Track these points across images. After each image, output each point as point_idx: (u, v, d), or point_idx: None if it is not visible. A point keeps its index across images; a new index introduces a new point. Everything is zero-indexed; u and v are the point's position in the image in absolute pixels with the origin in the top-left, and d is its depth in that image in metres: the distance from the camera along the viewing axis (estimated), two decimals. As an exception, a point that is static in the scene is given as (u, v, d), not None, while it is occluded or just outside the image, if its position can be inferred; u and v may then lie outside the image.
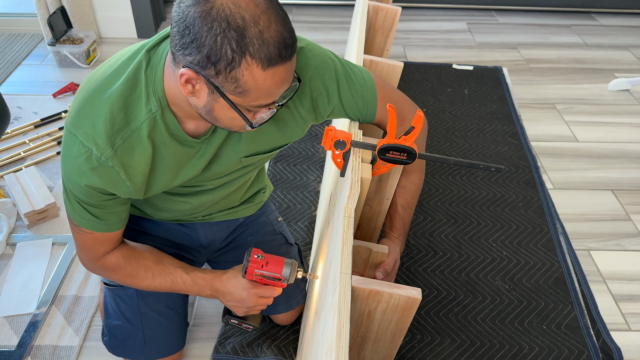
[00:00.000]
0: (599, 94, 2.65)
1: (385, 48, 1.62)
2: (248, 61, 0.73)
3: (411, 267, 1.72)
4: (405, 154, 0.90)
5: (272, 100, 0.81)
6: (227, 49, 0.72)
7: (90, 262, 1.08)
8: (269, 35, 0.72)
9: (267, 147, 1.05)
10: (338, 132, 0.89)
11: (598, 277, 1.73)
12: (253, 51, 0.72)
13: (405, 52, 2.98)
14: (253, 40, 0.72)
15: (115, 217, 1.00)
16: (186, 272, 1.13)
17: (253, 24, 0.71)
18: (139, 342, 1.28)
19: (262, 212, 1.41)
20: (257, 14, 0.72)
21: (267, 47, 0.73)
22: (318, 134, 2.26)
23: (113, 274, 1.11)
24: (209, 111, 0.83)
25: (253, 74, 0.74)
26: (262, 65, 0.74)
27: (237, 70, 0.74)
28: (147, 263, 1.11)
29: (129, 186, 0.92)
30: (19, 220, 1.84)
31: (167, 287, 1.14)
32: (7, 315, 1.54)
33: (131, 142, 0.88)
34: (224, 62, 0.73)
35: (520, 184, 2.06)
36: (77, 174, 0.89)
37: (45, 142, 2.17)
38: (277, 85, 0.78)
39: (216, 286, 1.13)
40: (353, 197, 0.81)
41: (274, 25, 0.73)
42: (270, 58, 0.74)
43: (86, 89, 0.89)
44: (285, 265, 1.06)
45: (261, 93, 0.78)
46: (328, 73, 0.98)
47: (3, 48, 2.87)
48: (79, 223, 0.99)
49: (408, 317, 0.83)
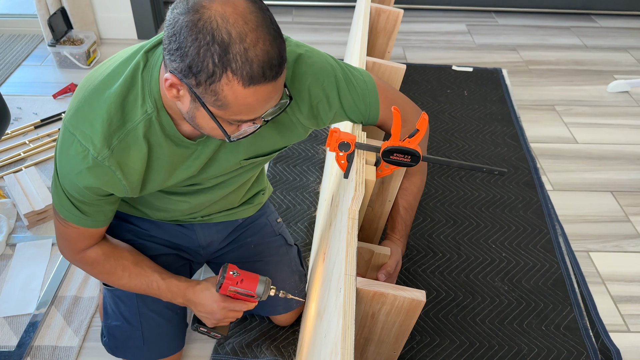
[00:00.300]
0: (599, 96, 2.66)
1: (387, 50, 1.62)
2: (229, 77, 0.72)
3: (411, 268, 1.72)
4: (409, 156, 0.91)
5: (254, 116, 0.80)
6: (209, 62, 0.71)
7: (69, 253, 1.09)
8: (254, 54, 0.71)
9: (267, 150, 1.05)
10: (342, 134, 0.90)
11: (597, 278, 1.73)
12: (235, 68, 0.71)
13: (405, 54, 2.98)
14: (236, 57, 0.71)
15: (102, 215, 1.01)
16: (162, 277, 1.15)
17: (239, 40, 0.70)
18: (138, 343, 1.28)
19: (261, 213, 1.41)
20: (244, 32, 0.70)
21: (250, 66, 0.71)
22: (318, 135, 2.26)
23: (90, 268, 1.12)
24: (191, 118, 0.83)
25: (233, 89, 0.73)
26: (243, 83, 0.73)
27: (217, 84, 0.73)
28: (126, 263, 1.12)
29: (125, 185, 0.93)
30: (18, 220, 1.84)
31: (141, 289, 1.16)
32: (7, 316, 1.54)
33: (127, 142, 0.89)
34: (205, 74, 0.72)
35: (520, 185, 2.07)
36: (73, 173, 0.90)
37: (45, 143, 2.17)
38: (259, 104, 0.77)
39: (189, 296, 1.16)
40: (357, 198, 0.81)
41: (261, 45, 0.72)
42: (252, 76, 0.72)
43: (85, 89, 0.90)
44: (260, 283, 1.11)
45: (241, 108, 0.77)
46: (327, 79, 0.97)
47: (3, 49, 2.87)
48: (65, 217, 0.99)
49: (412, 319, 0.83)
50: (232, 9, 0.71)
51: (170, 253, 1.31)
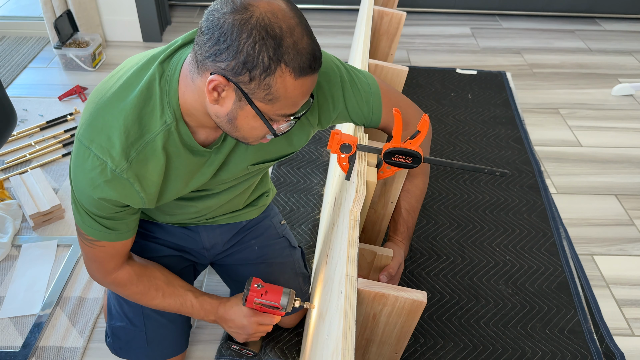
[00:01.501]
0: (603, 99, 2.65)
1: (389, 53, 1.63)
2: (282, 69, 0.76)
3: (414, 271, 1.72)
4: (411, 157, 0.91)
5: (294, 110, 0.84)
6: (264, 56, 0.74)
7: (100, 275, 1.10)
8: (302, 46, 0.76)
9: (274, 156, 1.06)
10: (344, 136, 0.90)
11: (601, 281, 1.73)
12: (288, 60, 0.75)
13: (409, 57, 2.99)
14: (289, 50, 0.75)
15: (125, 226, 1.01)
16: (195, 296, 1.19)
17: (289, 34, 0.75)
18: (142, 344, 1.29)
19: (265, 215, 1.41)
20: (292, 25, 0.75)
21: (301, 57, 0.76)
22: (322, 138, 2.27)
23: (123, 289, 1.13)
24: (231, 119, 0.84)
25: (285, 81, 0.77)
26: (295, 74, 0.77)
27: (271, 77, 0.76)
28: (159, 283, 1.15)
29: (142, 197, 0.93)
30: (24, 221, 1.85)
31: (174, 308, 1.19)
32: (12, 316, 1.55)
33: (145, 154, 0.89)
34: (260, 68, 0.75)
35: (524, 189, 2.06)
36: (90, 187, 0.89)
37: (51, 145, 2.18)
38: (303, 95, 0.82)
39: (220, 313, 1.20)
40: (359, 200, 0.82)
41: (306, 38, 0.77)
42: (302, 68, 0.77)
43: (97, 101, 0.89)
44: (284, 295, 1.13)
45: (288, 102, 0.81)
46: (334, 79, 0.99)
47: (10, 51, 2.89)
48: (88, 233, 0.99)
49: (413, 320, 0.83)
50: (277, 7, 0.76)
51: (174, 254, 1.32)
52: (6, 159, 2.11)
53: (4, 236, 1.75)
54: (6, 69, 2.72)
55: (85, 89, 2.54)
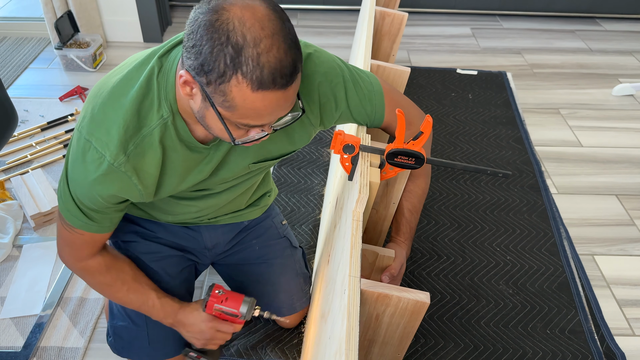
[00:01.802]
0: (603, 99, 2.66)
1: (391, 53, 1.63)
2: (239, 79, 0.73)
3: (415, 271, 1.73)
4: (414, 158, 0.91)
5: (261, 122, 0.80)
6: (220, 62, 0.72)
7: (71, 260, 1.10)
8: (266, 59, 0.72)
9: (275, 154, 1.06)
10: (347, 136, 0.90)
11: (602, 282, 1.73)
12: (245, 71, 0.72)
13: (410, 57, 2.99)
14: (248, 61, 0.71)
15: (109, 222, 1.02)
16: (158, 296, 1.17)
17: (252, 44, 0.71)
18: (144, 343, 1.29)
19: (266, 216, 1.42)
20: (259, 37, 0.71)
21: (261, 71, 0.72)
22: (322, 138, 2.27)
23: (90, 277, 1.13)
24: (202, 117, 0.84)
25: (242, 92, 0.74)
26: (252, 87, 0.73)
27: (226, 84, 0.74)
28: (125, 277, 1.15)
29: (140, 190, 0.94)
30: (25, 222, 1.85)
31: (135, 305, 1.18)
32: (13, 317, 1.55)
33: (143, 147, 0.89)
34: (216, 74, 0.73)
35: (524, 189, 2.07)
36: (88, 179, 0.90)
37: (52, 145, 2.18)
38: (267, 110, 0.77)
39: (179, 317, 1.19)
40: (362, 200, 0.82)
41: (275, 52, 0.72)
42: (262, 82, 0.73)
43: (99, 95, 0.90)
44: (244, 303, 1.14)
45: (249, 112, 0.77)
46: (336, 79, 0.98)
47: (11, 52, 2.89)
48: (71, 222, 1.00)
49: (416, 321, 0.84)
50: (251, 13, 0.72)
51: (175, 254, 1.32)
52: (7, 159, 2.11)
53: (5, 237, 1.75)
54: (7, 70, 2.72)
55: (86, 90, 2.54)
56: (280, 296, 1.42)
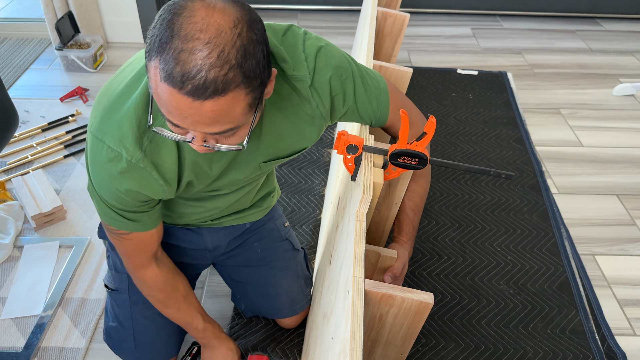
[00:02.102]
0: (604, 99, 2.66)
1: (393, 54, 1.63)
2: (156, 62, 0.69)
3: (416, 271, 1.73)
4: (417, 159, 0.91)
5: (170, 117, 0.74)
6: (153, 40, 0.69)
7: (130, 269, 1.13)
8: (184, 57, 0.66)
9: (287, 152, 1.04)
10: (350, 137, 0.90)
11: (603, 281, 1.73)
12: (163, 58, 0.68)
13: (410, 57, 2.99)
14: (170, 50, 0.67)
15: (148, 218, 1.02)
16: (203, 320, 1.27)
17: (182, 39, 0.67)
18: (131, 346, 1.31)
19: (269, 218, 1.41)
20: (193, 37, 0.66)
21: (174, 66, 0.67)
22: (323, 139, 2.27)
23: (147, 289, 1.17)
24: None
25: (155, 76, 0.70)
26: (161, 75, 0.69)
27: (149, 61, 0.70)
28: (178, 296, 1.20)
29: (162, 185, 0.93)
30: (26, 222, 1.85)
31: (181, 323, 1.26)
32: (14, 317, 1.55)
33: (157, 141, 0.88)
34: (149, 46, 0.70)
35: (525, 189, 2.07)
36: (109, 179, 0.90)
37: (53, 146, 2.18)
38: (173, 108, 0.71)
39: (213, 344, 1.32)
40: (365, 201, 0.82)
41: (199, 58, 0.66)
42: (168, 75, 0.68)
43: (109, 95, 0.89)
44: None
45: (159, 100, 0.72)
46: (346, 73, 0.97)
47: (11, 52, 2.89)
48: (113, 225, 1.00)
49: (420, 321, 0.84)
50: (205, 13, 0.68)
51: (174, 260, 1.31)
52: (8, 160, 2.11)
53: (6, 237, 1.75)
54: (8, 71, 2.72)
55: (87, 90, 2.54)
56: (281, 298, 1.42)
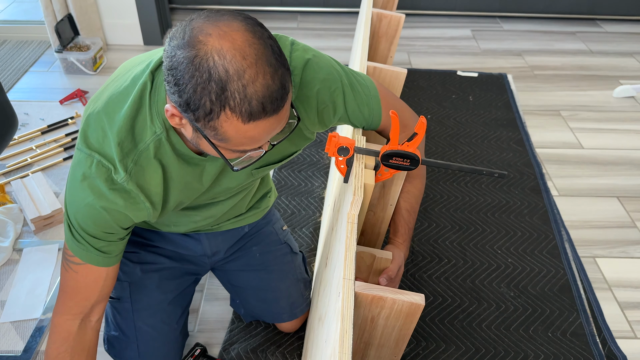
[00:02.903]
0: (604, 101, 2.65)
1: (389, 55, 1.63)
2: (227, 114, 0.70)
3: (416, 274, 1.72)
4: (409, 160, 0.90)
5: (258, 145, 0.77)
6: (206, 100, 0.69)
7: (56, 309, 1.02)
8: (252, 90, 0.68)
9: (277, 157, 1.04)
10: (341, 139, 0.90)
11: (604, 284, 1.72)
12: (233, 105, 0.69)
13: (410, 59, 2.99)
14: (235, 94, 0.68)
15: (115, 248, 0.97)
16: None
17: (237, 77, 0.67)
18: (134, 355, 1.29)
19: (267, 222, 1.41)
20: (242, 68, 0.67)
21: (249, 102, 0.69)
22: (323, 141, 2.27)
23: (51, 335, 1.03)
24: (197, 145, 0.82)
25: (233, 126, 0.71)
26: (243, 120, 0.70)
27: (215, 121, 0.71)
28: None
29: (148, 207, 0.91)
30: (25, 225, 1.85)
31: None
32: (13, 321, 1.55)
33: (141, 164, 0.87)
34: (202, 112, 0.70)
35: (525, 191, 2.06)
36: (93, 194, 0.87)
37: (52, 149, 2.18)
38: (262, 136, 0.74)
39: None
40: (356, 203, 0.81)
41: (261, 79, 0.69)
42: (252, 113, 0.70)
43: (96, 111, 0.88)
44: None
45: (244, 141, 0.74)
46: (334, 85, 0.97)
47: (11, 55, 2.90)
48: (71, 248, 0.94)
49: (411, 323, 0.83)
50: (230, 43, 0.68)
51: (173, 266, 1.31)
52: (7, 162, 2.12)
53: (5, 240, 1.75)
54: (7, 73, 2.73)
55: (86, 93, 2.54)
56: (280, 302, 1.41)
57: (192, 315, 1.56)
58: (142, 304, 1.27)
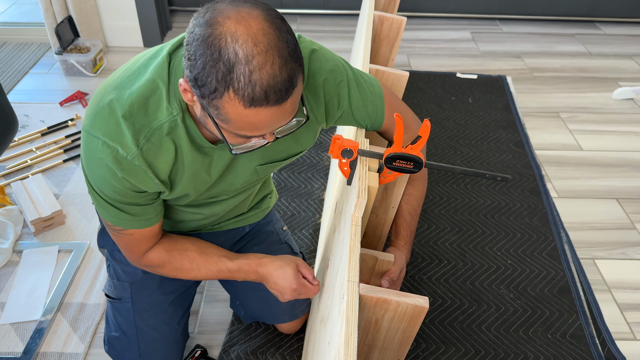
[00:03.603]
0: (603, 103, 2.66)
1: (390, 57, 1.63)
2: (230, 96, 0.72)
3: (416, 276, 1.72)
4: (412, 162, 0.91)
5: (258, 133, 0.79)
6: (212, 79, 0.71)
7: (134, 260, 1.09)
8: (258, 76, 0.70)
9: (282, 156, 1.05)
10: (345, 141, 0.90)
11: (603, 286, 1.72)
12: (237, 87, 0.70)
13: (410, 61, 2.99)
14: (240, 78, 0.70)
15: (152, 211, 1.00)
16: (231, 259, 1.12)
17: (245, 62, 0.69)
18: (135, 356, 1.30)
19: (267, 222, 1.41)
20: (252, 53, 0.69)
21: (253, 88, 0.70)
22: (322, 142, 2.27)
23: (160, 269, 1.11)
24: (204, 123, 0.84)
25: (235, 108, 0.73)
26: (244, 104, 0.72)
27: (218, 100, 0.73)
28: (191, 255, 1.11)
29: (157, 183, 0.93)
30: (25, 227, 1.85)
31: (213, 276, 1.14)
32: (13, 322, 1.55)
33: (154, 141, 0.88)
34: (208, 89, 0.72)
35: (525, 193, 2.06)
36: (107, 174, 0.89)
37: (52, 150, 2.18)
38: (262, 124, 0.76)
39: (262, 272, 1.12)
40: (360, 205, 0.81)
41: (268, 68, 0.70)
42: (253, 99, 0.71)
43: (104, 91, 0.89)
44: None
45: (244, 125, 0.76)
46: (340, 77, 0.98)
47: (11, 57, 2.90)
48: (115, 224, 0.99)
49: (415, 325, 0.83)
50: (245, 28, 0.70)
51: None
52: (7, 164, 2.12)
53: (5, 242, 1.75)
54: (7, 75, 2.73)
55: (86, 95, 2.54)
56: (281, 303, 1.41)
57: (192, 317, 1.56)
58: (143, 305, 1.27)
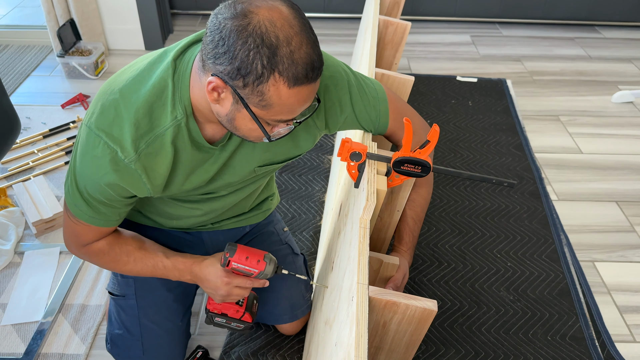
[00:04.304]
0: (603, 106, 2.67)
1: (394, 62, 1.64)
2: (276, 77, 0.76)
3: (416, 278, 1.73)
4: (420, 167, 0.91)
5: (292, 116, 0.85)
6: (257, 64, 0.75)
7: (74, 247, 1.09)
8: (299, 56, 0.76)
9: (281, 158, 1.06)
10: (354, 144, 0.91)
11: (603, 288, 1.73)
12: (282, 69, 0.76)
13: (410, 65, 3.00)
14: (283, 59, 0.75)
15: (116, 216, 1.02)
16: (167, 256, 1.12)
17: (285, 43, 0.75)
18: (138, 353, 1.30)
19: (268, 222, 1.42)
20: (290, 35, 0.75)
21: (296, 67, 0.76)
22: (323, 145, 2.28)
23: (96, 259, 1.11)
24: (230, 120, 0.85)
25: (279, 90, 0.77)
26: (289, 84, 0.77)
27: (264, 85, 0.77)
28: (129, 248, 1.11)
29: (149, 188, 0.95)
30: (27, 229, 1.85)
31: (148, 272, 1.13)
32: (15, 323, 1.55)
33: (154, 147, 0.90)
34: (253, 75, 0.76)
35: (525, 195, 2.07)
36: (98, 173, 0.90)
37: (54, 152, 2.19)
38: (299, 103, 0.82)
39: (195, 272, 1.12)
40: (369, 208, 0.82)
41: (305, 48, 0.77)
42: (297, 77, 0.77)
43: (109, 92, 0.90)
44: (266, 263, 1.06)
45: (283, 109, 0.81)
46: (341, 83, 0.99)
47: (13, 59, 2.90)
48: (77, 216, 0.99)
49: (423, 328, 0.84)
50: (278, 14, 0.76)
51: None
52: (9, 166, 2.12)
53: (7, 243, 1.75)
54: (10, 77, 2.73)
55: (88, 97, 2.55)
56: (281, 303, 1.42)
57: (193, 317, 1.56)
58: (147, 301, 1.28)
